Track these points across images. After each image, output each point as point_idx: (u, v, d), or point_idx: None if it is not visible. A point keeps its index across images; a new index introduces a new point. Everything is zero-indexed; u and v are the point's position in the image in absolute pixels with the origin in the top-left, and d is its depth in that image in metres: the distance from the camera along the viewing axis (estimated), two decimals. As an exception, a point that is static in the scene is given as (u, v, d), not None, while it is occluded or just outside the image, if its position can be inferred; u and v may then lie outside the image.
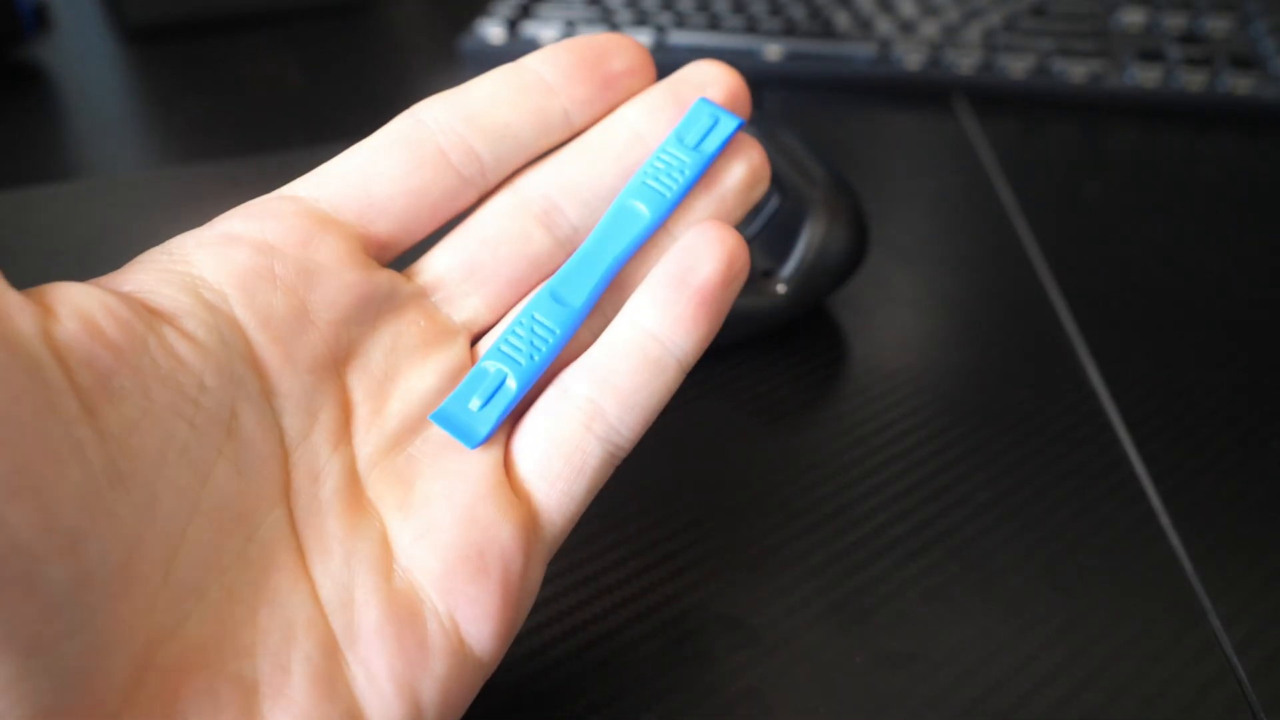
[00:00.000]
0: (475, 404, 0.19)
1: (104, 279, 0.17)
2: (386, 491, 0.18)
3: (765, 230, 0.32)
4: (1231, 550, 0.26)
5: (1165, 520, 0.27)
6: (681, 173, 0.20)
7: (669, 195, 0.20)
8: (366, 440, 0.18)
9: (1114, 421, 0.30)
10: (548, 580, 0.25)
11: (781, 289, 0.31)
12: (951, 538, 0.26)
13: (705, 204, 0.21)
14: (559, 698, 0.22)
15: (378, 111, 0.48)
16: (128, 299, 0.16)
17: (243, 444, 0.17)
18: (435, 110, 0.20)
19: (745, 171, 0.21)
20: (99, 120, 0.46)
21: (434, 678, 0.17)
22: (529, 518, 0.18)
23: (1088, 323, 0.34)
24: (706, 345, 0.20)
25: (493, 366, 0.19)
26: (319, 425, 0.18)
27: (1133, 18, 0.52)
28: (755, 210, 0.32)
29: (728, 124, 0.20)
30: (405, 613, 0.17)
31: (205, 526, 0.16)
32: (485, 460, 0.19)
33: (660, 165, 0.20)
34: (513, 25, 0.52)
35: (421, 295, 0.20)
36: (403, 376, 0.19)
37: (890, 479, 0.28)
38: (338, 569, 0.17)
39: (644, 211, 0.20)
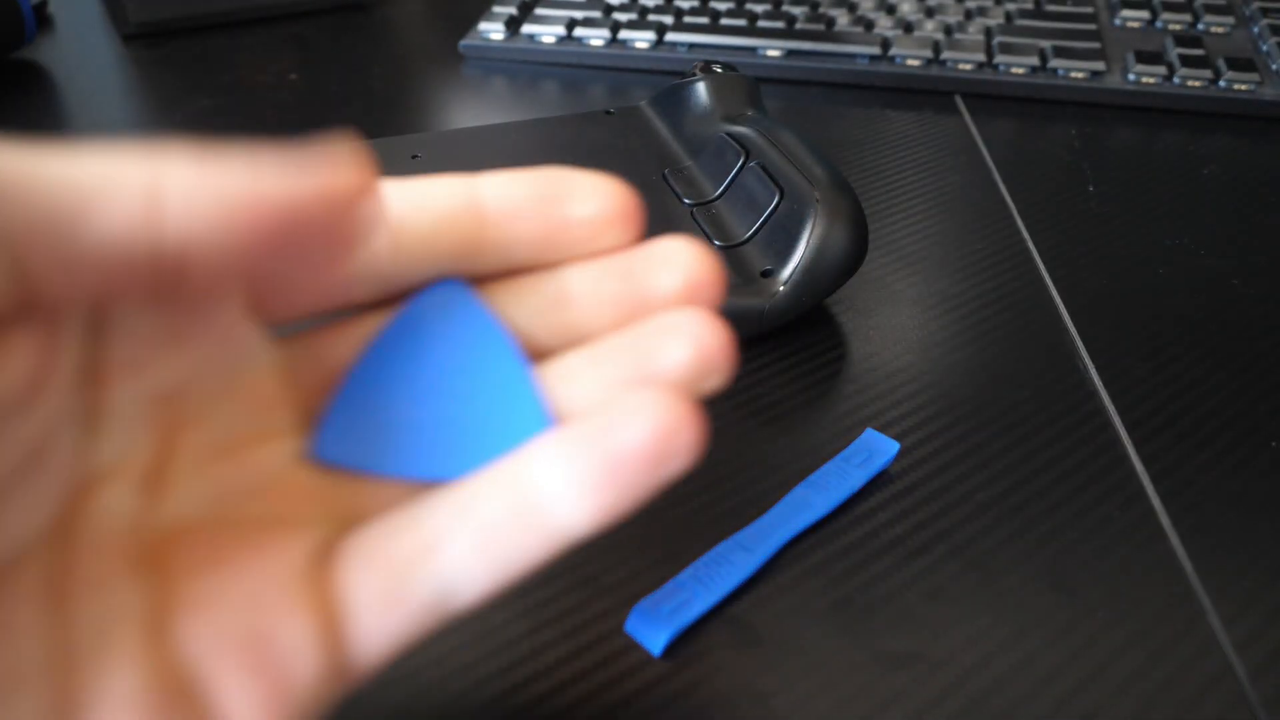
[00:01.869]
0: (663, 610, 0.23)
1: None
2: (184, 551, 0.16)
3: (765, 230, 0.32)
4: (1231, 550, 0.26)
5: (1165, 520, 0.27)
6: (847, 483, 0.27)
7: (835, 496, 0.27)
8: (176, 489, 0.16)
9: (1114, 421, 0.30)
10: (557, 574, 0.25)
11: (781, 289, 0.31)
12: (951, 538, 0.26)
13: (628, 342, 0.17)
14: (556, 699, 0.22)
15: (378, 111, 0.48)
16: None
17: (39, 469, 0.14)
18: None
19: (688, 354, 0.17)
20: (99, 120, 0.46)
21: None
22: (331, 629, 0.15)
23: (1088, 323, 0.34)
24: (608, 521, 0.16)
25: (684, 585, 0.24)
26: (132, 460, 0.16)
27: (1133, 18, 0.52)
28: (757, 210, 0.32)
29: (888, 449, 0.28)
30: (170, 685, 0.14)
31: None
32: (299, 547, 0.16)
33: (831, 472, 0.27)
34: (513, 25, 0.52)
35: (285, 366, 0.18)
36: (241, 441, 0.17)
37: (890, 479, 0.28)
38: (98, 620, 0.14)
39: (816, 504, 0.26)
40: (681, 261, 0.18)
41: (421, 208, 0.17)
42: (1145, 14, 0.52)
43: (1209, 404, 0.31)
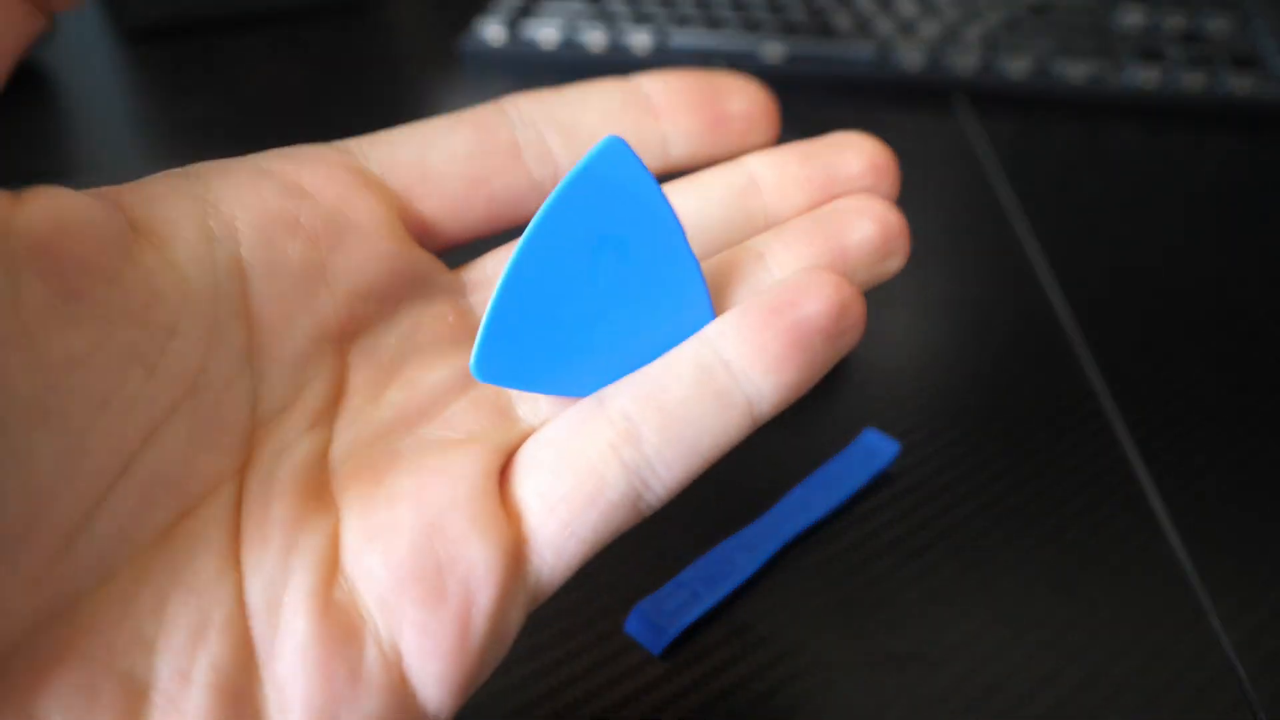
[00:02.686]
0: (664, 610, 0.23)
1: (110, 188, 0.15)
2: (355, 484, 0.15)
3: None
4: (1231, 550, 0.26)
5: (1165, 520, 0.27)
6: (848, 483, 0.27)
7: (835, 496, 0.27)
8: (351, 426, 0.16)
9: (1114, 421, 0.30)
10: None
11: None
12: (951, 538, 0.26)
13: (816, 249, 0.18)
14: (556, 698, 0.22)
15: (378, 111, 0.48)
16: (113, 211, 0.14)
17: (205, 405, 0.14)
18: (521, 102, 0.18)
19: (874, 232, 0.18)
20: (99, 120, 0.46)
21: (360, 717, 0.14)
22: (513, 543, 0.15)
23: (1088, 323, 0.34)
24: (790, 398, 0.16)
25: (685, 585, 0.24)
26: (301, 400, 0.15)
27: (1133, 18, 0.52)
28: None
29: (888, 449, 0.28)
30: (340, 630, 0.14)
31: (132, 492, 0.13)
32: (474, 460, 0.15)
33: (831, 472, 0.27)
34: (513, 25, 0.52)
35: (458, 290, 0.18)
36: (411, 366, 0.17)
37: (890, 479, 0.28)
38: (273, 565, 0.14)
39: (816, 504, 0.26)
40: (864, 147, 0.18)
41: (587, 104, 0.18)
42: (1145, 14, 0.52)
43: (1209, 404, 0.31)
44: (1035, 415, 0.30)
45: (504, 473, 0.16)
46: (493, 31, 0.52)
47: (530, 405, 0.17)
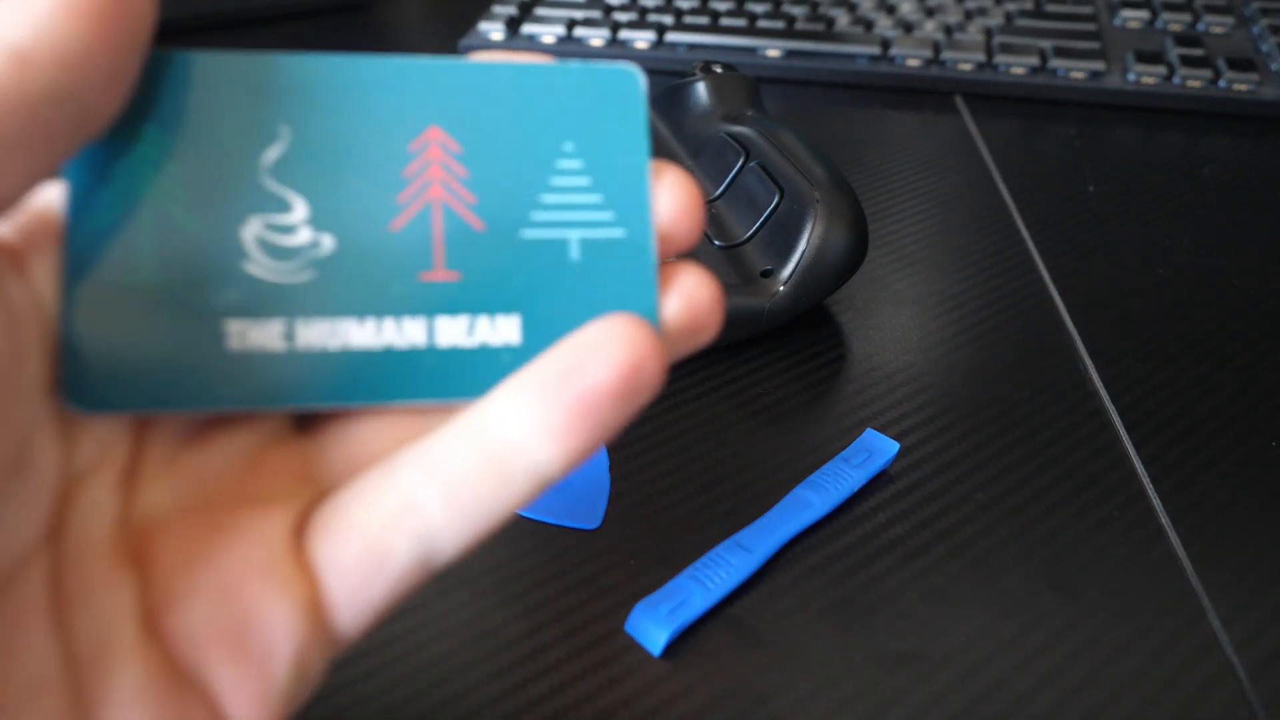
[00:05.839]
0: (663, 610, 0.23)
1: None
2: (158, 545, 0.16)
3: (765, 230, 0.32)
4: (1231, 550, 0.26)
5: (1165, 520, 0.27)
6: (848, 483, 0.27)
7: (835, 496, 0.27)
8: (152, 487, 0.16)
9: (1114, 421, 0.30)
10: (557, 574, 0.25)
11: (781, 289, 0.31)
12: (951, 538, 0.26)
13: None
14: (556, 698, 0.22)
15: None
16: None
17: (25, 474, 0.14)
18: None
19: (683, 311, 0.16)
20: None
21: None
22: (309, 601, 0.15)
23: (1088, 323, 0.34)
24: (580, 459, 0.15)
25: (684, 585, 0.24)
26: (108, 460, 0.16)
27: (1133, 18, 0.52)
28: (757, 210, 0.32)
29: (888, 449, 0.28)
30: (168, 677, 0.15)
31: None
32: (271, 523, 0.16)
33: (831, 472, 0.27)
34: (513, 25, 0.52)
35: None
36: (210, 428, 0.17)
37: (890, 479, 0.28)
38: (94, 626, 0.15)
39: (816, 504, 0.26)
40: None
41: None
42: (1145, 14, 0.52)
43: (1209, 404, 0.31)
44: (1035, 415, 0.30)
45: (300, 533, 0.16)
46: (493, 31, 0.52)
47: (327, 468, 0.17)
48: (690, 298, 0.17)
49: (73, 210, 0.15)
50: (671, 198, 0.17)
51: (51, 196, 0.15)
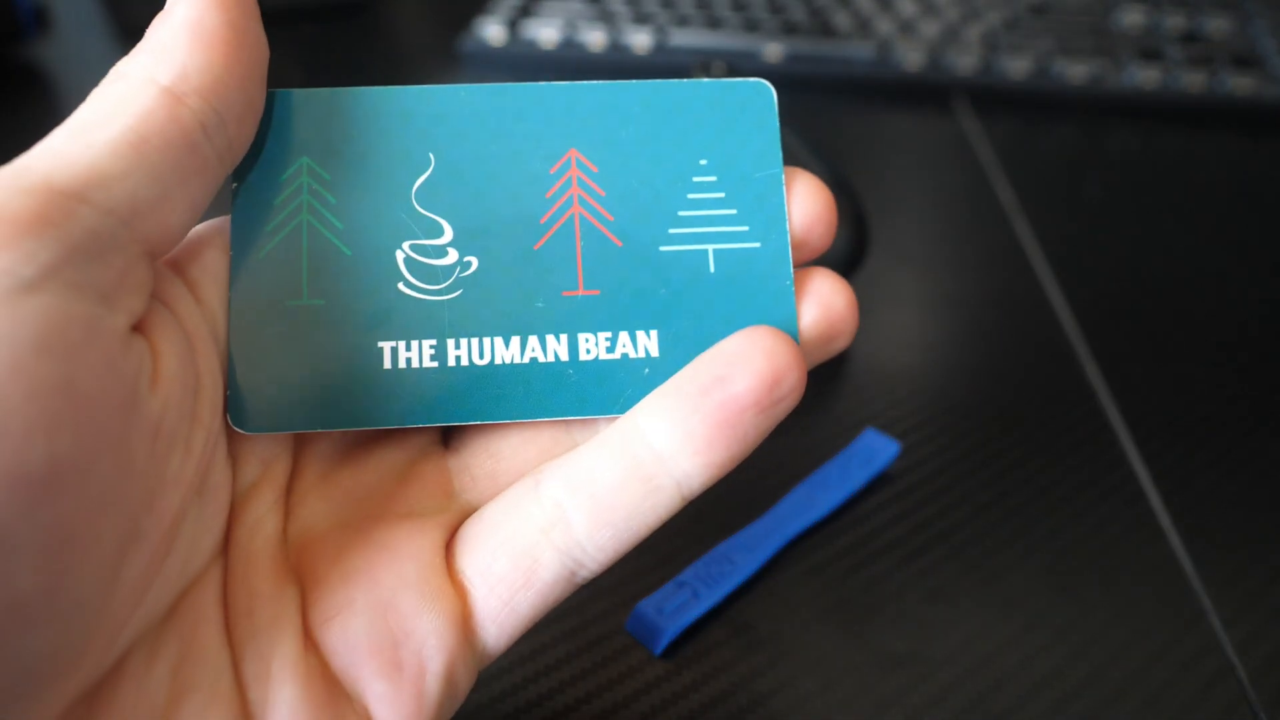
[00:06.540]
0: (664, 610, 0.23)
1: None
2: (313, 562, 0.16)
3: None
4: (1231, 550, 0.26)
5: (1165, 520, 0.27)
6: (848, 483, 0.27)
7: (835, 496, 0.26)
8: (305, 501, 0.17)
9: (1114, 421, 0.30)
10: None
11: (781, 289, 0.31)
12: (951, 538, 0.26)
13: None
14: (556, 700, 0.22)
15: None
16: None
17: (205, 493, 0.15)
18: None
19: (820, 319, 0.17)
20: (99, 120, 0.46)
21: None
22: (460, 615, 0.16)
23: (1088, 323, 0.34)
24: (722, 472, 0.16)
25: (684, 585, 0.23)
26: (268, 478, 0.16)
27: (1133, 18, 0.52)
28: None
29: (888, 449, 0.28)
30: (324, 695, 0.15)
31: (149, 575, 0.14)
32: (422, 538, 0.16)
33: (831, 472, 0.27)
34: (513, 25, 0.52)
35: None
36: (361, 446, 0.17)
37: (890, 479, 0.28)
38: (260, 637, 0.15)
39: (817, 504, 0.26)
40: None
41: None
42: (1145, 14, 0.52)
43: (1209, 404, 0.31)
44: (1035, 415, 0.30)
45: (449, 547, 0.16)
46: (493, 31, 0.52)
47: (471, 482, 0.17)
48: (826, 305, 0.17)
49: (236, 238, 0.16)
50: (805, 205, 0.17)
51: (216, 226, 0.16)
